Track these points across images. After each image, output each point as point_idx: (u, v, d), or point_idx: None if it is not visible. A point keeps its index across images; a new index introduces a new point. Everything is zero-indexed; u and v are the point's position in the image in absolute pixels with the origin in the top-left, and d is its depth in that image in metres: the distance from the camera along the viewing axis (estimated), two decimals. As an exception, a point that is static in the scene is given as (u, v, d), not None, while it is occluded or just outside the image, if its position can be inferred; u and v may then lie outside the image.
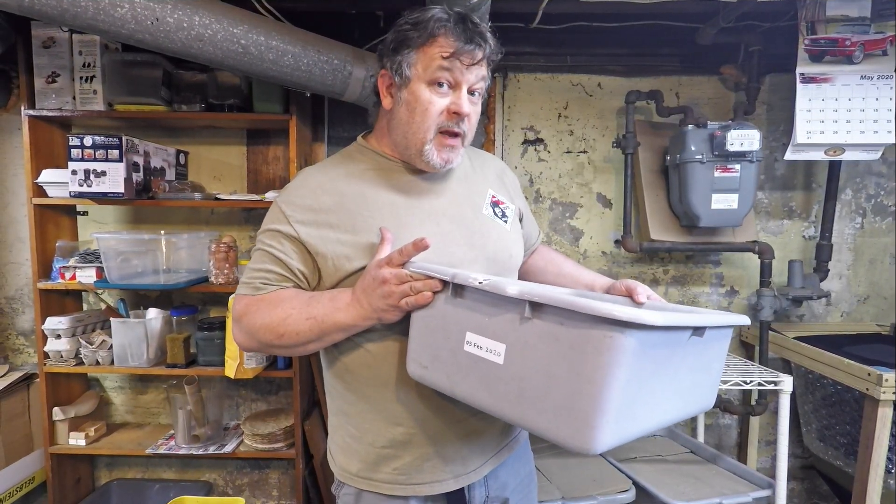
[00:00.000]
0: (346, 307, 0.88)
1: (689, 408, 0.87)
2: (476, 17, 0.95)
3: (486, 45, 0.93)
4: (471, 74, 0.93)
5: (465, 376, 0.80)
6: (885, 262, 2.24)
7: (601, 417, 0.66)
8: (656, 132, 2.12)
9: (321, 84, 1.69)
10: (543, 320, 0.71)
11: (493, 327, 0.77)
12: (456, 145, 0.97)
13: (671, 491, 1.67)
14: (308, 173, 1.02)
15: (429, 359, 0.85)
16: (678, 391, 0.81)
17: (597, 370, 0.65)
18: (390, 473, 0.98)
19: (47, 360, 1.95)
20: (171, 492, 2.05)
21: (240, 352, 1.82)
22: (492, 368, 0.77)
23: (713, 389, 0.93)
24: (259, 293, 0.95)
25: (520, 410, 0.74)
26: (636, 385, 0.69)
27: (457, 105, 0.93)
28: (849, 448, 1.90)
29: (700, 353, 0.83)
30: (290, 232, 0.94)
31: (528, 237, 1.20)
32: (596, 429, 0.66)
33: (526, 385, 0.73)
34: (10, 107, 2.10)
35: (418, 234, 0.95)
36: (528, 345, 0.73)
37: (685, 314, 0.77)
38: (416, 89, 0.94)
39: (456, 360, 0.81)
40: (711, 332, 0.82)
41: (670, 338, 0.73)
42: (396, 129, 0.98)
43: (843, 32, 1.75)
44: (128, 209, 2.17)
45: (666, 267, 2.23)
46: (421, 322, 0.86)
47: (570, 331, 0.68)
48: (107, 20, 1.34)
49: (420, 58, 0.93)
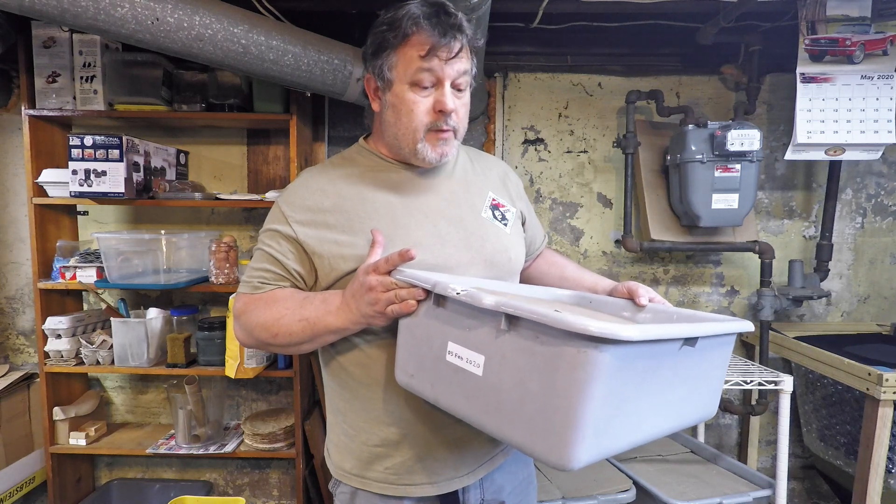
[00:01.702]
0: (337, 311, 0.89)
1: (686, 417, 0.84)
2: (451, 7, 0.92)
3: (463, 36, 0.91)
4: (451, 69, 0.92)
5: (448, 386, 0.79)
6: (886, 262, 2.24)
7: (577, 434, 0.64)
8: (657, 132, 2.12)
9: (321, 84, 1.69)
10: (520, 333, 0.69)
11: (472, 338, 0.75)
12: (448, 138, 0.96)
13: (671, 491, 1.67)
14: (309, 174, 1.03)
15: (414, 367, 0.84)
16: (671, 402, 0.78)
17: (572, 386, 0.63)
18: (382, 473, 0.98)
19: (48, 359, 1.95)
20: (171, 491, 2.05)
21: (240, 352, 1.82)
22: (472, 380, 0.75)
23: (714, 397, 0.90)
24: (257, 292, 0.97)
25: (498, 423, 0.72)
26: (616, 400, 0.66)
27: (441, 103, 0.92)
28: (849, 448, 1.90)
29: (696, 362, 0.80)
30: (288, 232, 0.96)
31: (533, 241, 1.19)
32: (572, 445, 0.64)
33: (504, 398, 0.71)
34: (10, 106, 2.10)
35: (415, 235, 0.95)
36: (505, 357, 0.71)
37: (673, 325, 0.72)
38: (399, 91, 0.94)
39: (439, 370, 0.80)
40: (708, 340, 0.79)
41: (656, 350, 0.70)
42: (387, 130, 0.99)
43: (844, 32, 1.75)
44: (128, 209, 2.17)
45: (666, 267, 2.23)
46: (407, 330, 0.86)
47: (545, 345, 0.66)
48: (107, 20, 1.34)
49: (399, 59, 0.92)
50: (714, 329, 0.79)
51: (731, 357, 1.94)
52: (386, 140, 1.01)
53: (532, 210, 1.21)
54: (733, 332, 0.85)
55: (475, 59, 0.98)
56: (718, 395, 0.90)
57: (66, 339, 1.92)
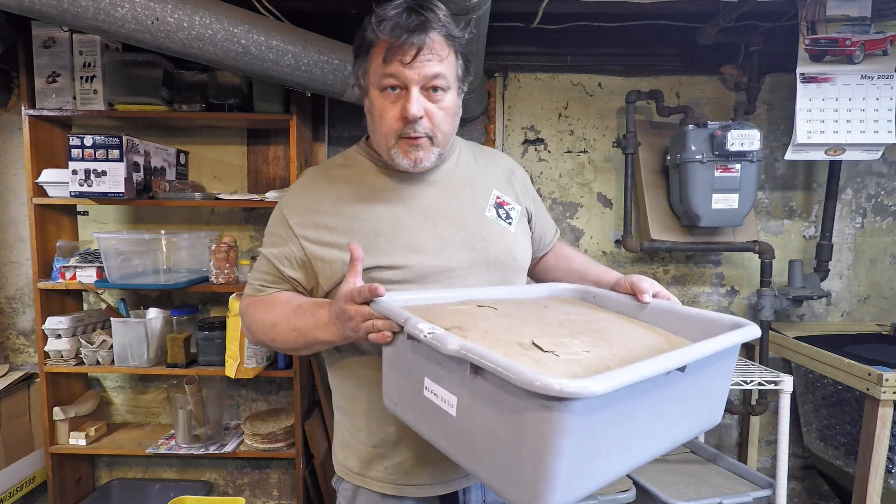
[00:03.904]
0: (325, 326, 0.88)
1: (685, 433, 0.80)
2: (425, 5, 0.88)
3: (424, 36, 0.85)
4: (414, 72, 0.87)
5: (427, 421, 0.77)
6: (886, 262, 2.24)
7: (549, 485, 0.60)
8: (657, 132, 2.12)
9: (322, 84, 1.69)
10: (487, 379, 0.65)
11: (445, 377, 0.72)
12: (421, 144, 0.92)
13: (672, 490, 1.67)
14: (310, 175, 1.03)
15: (397, 396, 0.83)
16: (663, 426, 0.74)
17: (538, 440, 0.59)
18: (382, 472, 0.98)
19: (48, 359, 1.95)
20: (171, 491, 2.05)
21: (240, 352, 1.82)
22: (447, 418, 0.72)
23: (717, 407, 0.85)
24: (259, 294, 1.00)
25: (473, 465, 0.70)
26: (590, 447, 0.63)
27: (405, 109, 0.89)
28: (849, 448, 1.90)
29: (693, 381, 0.75)
30: (288, 236, 0.97)
31: (543, 236, 1.18)
32: (544, 496, 0.61)
33: (476, 442, 0.68)
34: (10, 106, 2.10)
35: (415, 236, 0.95)
36: (475, 401, 0.67)
37: (655, 361, 0.65)
38: (372, 97, 0.94)
39: (418, 403, 0.77)
40: (704, 359, 0.73)
41: (635, 389, 0.64)
42: (371, 133, 1.00)
43: (844, 32, 1.75)
44: (128, 209, 2.17)
45: (666, 267, 2.23)
46: (389, 359, 0.84)
47: (511, 395, 0.61)
48: (107, 20, 1.34)
49: (370, 65, 0.92)
50: (708, 350, 0.72)
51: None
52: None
53: (541, 206, 1.18)
54: (727, 347, 0.76)
55: (460, 58, 0.94)
56: (722, 404, 0.86)
57: (66, 339, 1.92)
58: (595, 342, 0.76)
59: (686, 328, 0.87)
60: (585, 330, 0.82)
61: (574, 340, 0.75)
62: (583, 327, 0.83)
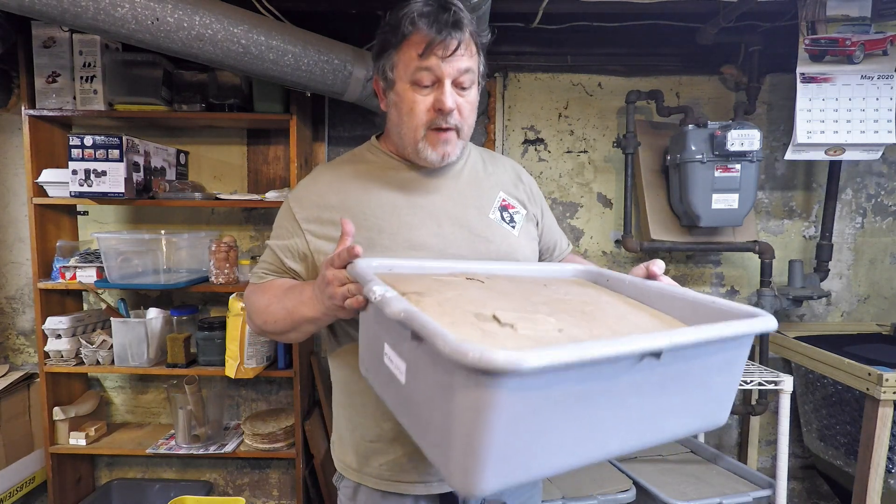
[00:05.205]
0: (309, 301, 0.90)
1: (676, 429, 0.72)
2: (452, 4, 0.92)
3: (460, 33, 0.91)
4: (450, 66, 0.91)
5: (387, 389, 0.75)
6: (886, 262, 2.24)
7: (478, 464, 0.56)
8: (657, 132, 2.12)
9: (322, 84, 1.69)
10: (425, 347, 0.60)
11: (399, 343, 0.68)
12: (450, 138, 0.96)
13: (672, 491, 1.67)
14: (319, 171, 1.06)
15: (368, 362, 0.82)
16: (641, 417, 0.67)
17: (467, 413, 0.54)
18: (378, 469, 0.99)
19: (48, 359, 1.95)
20: (171, 491, 2.05)
21: (240, 352, 1.82)
22: (399, 386, 0.68)
23: (721, 405, 0.76)
24: (261, 282, 1.03)
25: (418, 436, 0.66)
26: (531, 428, 0.57)
27: (440, 102, 0.92)
28: (849, 448, 1.90)
29: (681, 372, 0.67)
30: (294, 229, 1.00)
31: (552, 246, 1.19)
32: (474, 474, 0.56)
33: (420, 412, 0.64)
34: (10, 106, 2.10)
35: (418, 234, 0.96)
36: (418, 368, 0.64)
37: (611, 343, 0.57)
38: (400, 91, 0.95)
39: (380, 371, 0.75)
40: (694, 349, 0.66)
41: (591, 371, 0.58)
42: (393, 129, 1.01)
43: (844, 32, 1.75)
44: (128, 209, 2.17)
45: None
46: (363, 325, 0.83)
47: (440, 367, 0.57)
48: (107, 20, 1.34)
49: (399, 59, 0.94)
50: (693, 337, 0.63)
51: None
52: (393, 139, 1.03)
53: (550, 216, 1.19)
54: (736, 336, 0.67)
55: (482, 56, 0.98)
56: (728, 402, 0.77)
57: (66, 339, 1.92)
58: (577, 322, 0.70)
59: (697, 317, 0.80)
60: (573, 310, 0.76)
61: (549, 318, 0.69)
62: (573, 307, 0.78)
